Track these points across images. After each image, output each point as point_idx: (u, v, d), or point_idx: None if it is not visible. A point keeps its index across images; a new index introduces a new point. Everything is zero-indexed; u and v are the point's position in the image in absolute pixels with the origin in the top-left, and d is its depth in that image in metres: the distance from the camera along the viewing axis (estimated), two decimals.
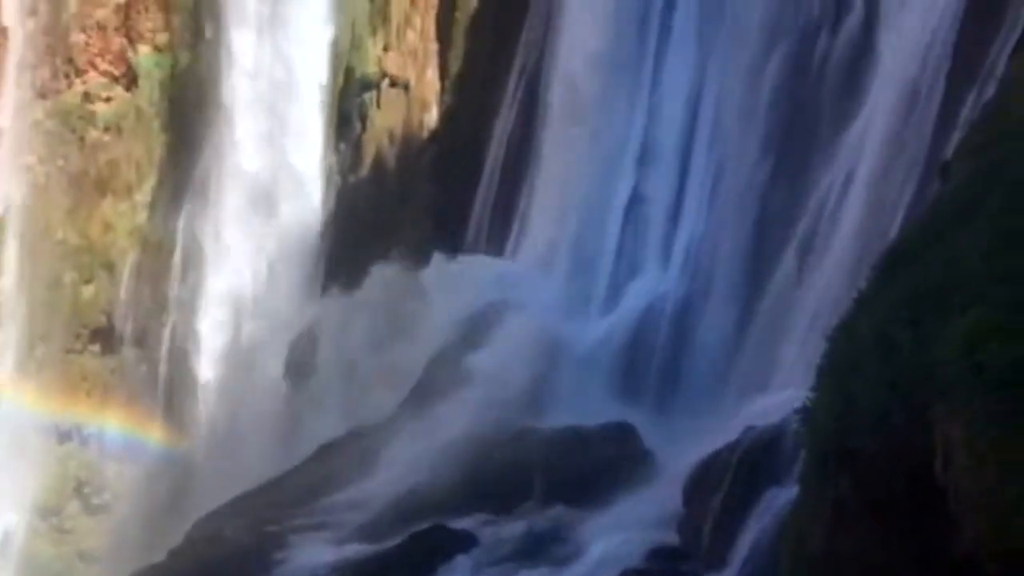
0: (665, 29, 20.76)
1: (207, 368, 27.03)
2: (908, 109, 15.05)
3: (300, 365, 23.85)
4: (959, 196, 10.28)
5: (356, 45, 27.01)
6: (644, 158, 21.16)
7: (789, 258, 17.82)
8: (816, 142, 17.38)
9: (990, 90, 12.41)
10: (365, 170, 26.83)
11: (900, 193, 14.93)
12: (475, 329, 20.42)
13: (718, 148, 19.81)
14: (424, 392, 19.95)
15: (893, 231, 14.29)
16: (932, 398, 8.01)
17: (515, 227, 23.67)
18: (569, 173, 22.28)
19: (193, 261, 27.74)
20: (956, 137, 12.77)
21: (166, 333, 27.67)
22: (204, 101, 27.71)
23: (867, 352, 8.94)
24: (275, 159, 27.45)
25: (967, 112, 13.10)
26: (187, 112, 28.02)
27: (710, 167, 19.97)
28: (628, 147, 21.38)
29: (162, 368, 27.48)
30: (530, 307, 20.89)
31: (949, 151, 12.65)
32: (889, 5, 16.28)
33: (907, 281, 9.43)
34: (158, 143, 28.31)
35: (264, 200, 27.48)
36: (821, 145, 17.19)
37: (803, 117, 17.83)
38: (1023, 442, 7.14)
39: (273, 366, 24.77)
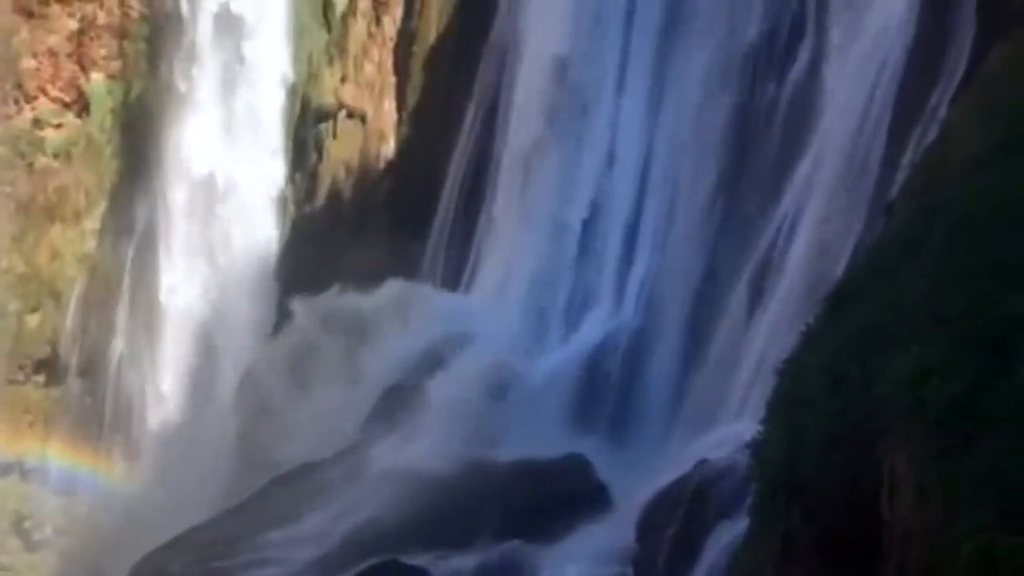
0: (620, 70, 21.20)
1: (155, 400, 26.53)
2: (853, 152, 15.54)
3: (251, 397, 23.53)
4: (902, 236, 10.61)
5: (313, 76, 27.08)
6: (599, 195, 21.47)
7: (740, 294, 18.16)
8: (765, 183, 17.84)
9: (932, 134, 12.87)
10: (320, 200, 26.77)
11: (846, 233, 15.36)
12: (429, 361, 20.38)
13: (671, 186, 20.20)
14: (377, 424, 19.81)
15: (840, 269, 14.67)
16: (878, 433, 8.22)
17: (470, 259, 23.76)
18: (525, 206, 22.49)
19: (143, 290, 27.32)
20: (899, 179, 13.21)
21: (113, 364, 27.12)
22: (157, 129, 27.49)
23: (815, 387, 9.15)
24: (228, 188, 27.26)
25: (909, 155, 13.56)
26: (139, 140, 27.76)
27: (663, 204, 20.34)
28: (583, 184, 21.68)
29: (108, 400, 26.90)
30: (484, 339, 20.94)
31: (893, 193, 13.06)
32: (834, 53, 16.84)
33: (853, 318, 9.68)
34: (109, 170, 27.97)
35: (217, 229, 27.23)
36: (769, 186, 17.64)
37: (752, 159, 18.30)
38: (966, 477, 7.35)
39: (223, 398, 24.40)
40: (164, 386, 26.51)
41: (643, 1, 20.82)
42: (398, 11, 26.44)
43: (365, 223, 26.03)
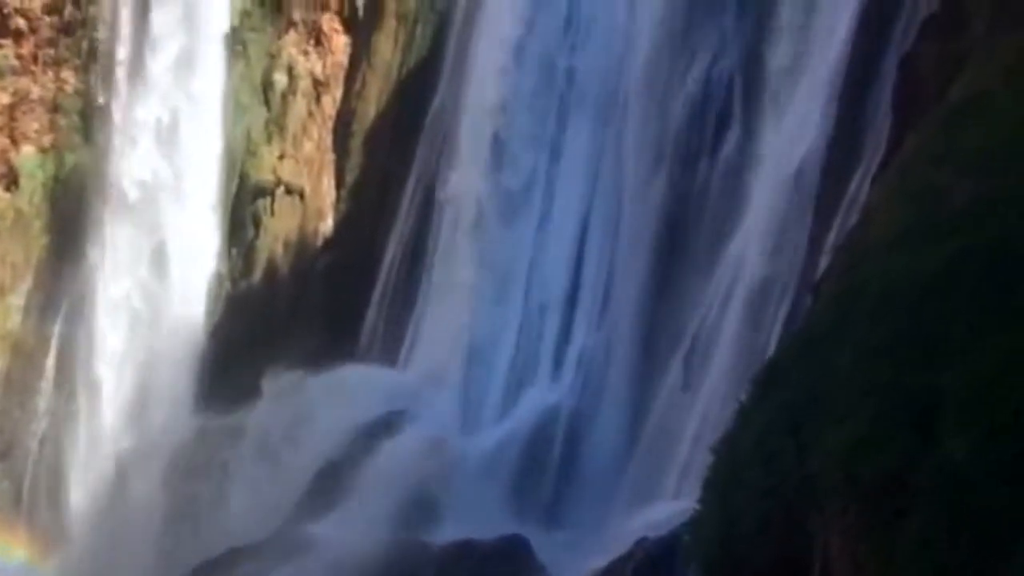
0: (555, 149, 21.71)
1: (78, 483, 25.45)
2: (780, 233, 16.06)
3: (181, 477, 22.76)
4: (829, 313, 10.92)
5: (251, 153, 27.06)
6: (537, 269, 21.71)
7: (676, 370, 18.38)
8: (698, 260, 18.28)
9: (854, 216, 13.37)
10: (257, 277, 26.47)
11: (777, 309, 15.75)
12: (365, 441, 20.04)
13: (607, 262, 20.55)
14: (311, 506, 19.29)
15: (772, 345, 14.98)
16: (811, 508, 8.29)
17: (408, 335, 23.65)
18: (463, 282, 22.59)
19: (67, 370, 26.46)
20: (825, 260, 13.65)
21: (35, 446, 26.02)
22: (88, 205, 27.06)
23: (749, 463, 9.22)
24: (161, 264, 26.83)
25: (834, 236, 14.06)
26: (70, 215, 27.25)
27: (600, 280, 20.65)
28: (521, 259, 21.92)
29: (27, 482, 25.71)
30: (422, 418, 20.71)
31: (819, 272, 13.48)
32: (763, 135, 17.55)
33: (784, 394, 9.85)
34: (37, 245, 27.31)
35: (148, 306, 26.66)
36: (702, 263, 18.08)
37: (686, 236, 18.78)
38: (899, 552, 7.42)
39: (149, 482, 23.54)
40: (89, 467, 25.47)
41: (578, 82, 21.49)
42: (338, 91, 26.77)
43: (302, 299, 25.79)
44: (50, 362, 26.68)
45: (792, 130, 16.72)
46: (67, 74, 27.54)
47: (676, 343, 18.45)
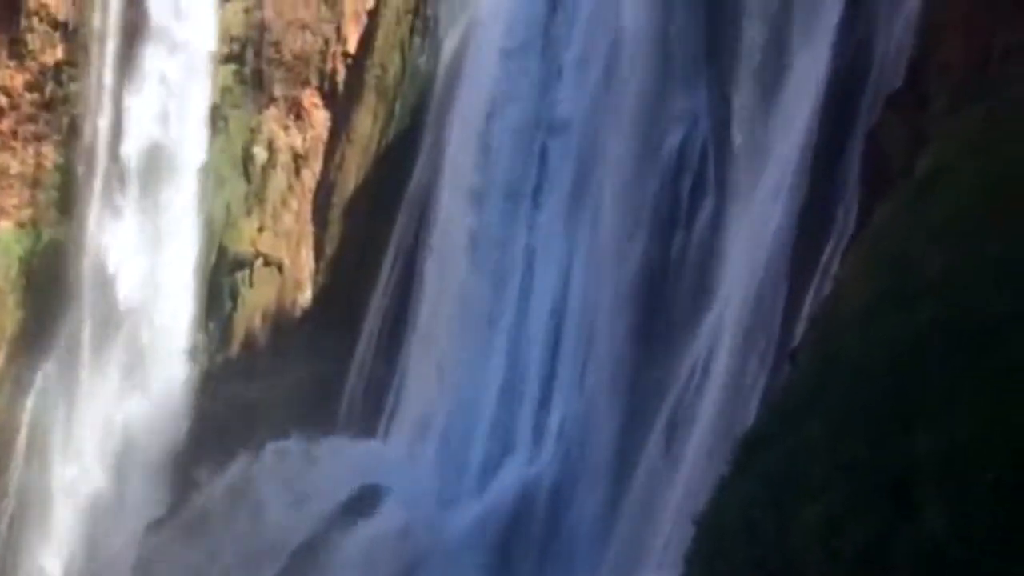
0: (533, 220, 21.95)
1: (52, 563, 24.70)
2: (757, 302, 16.22)
3: (153, 558, 22.18)
4: (805, 383, 10.99)
5: (231, 225, 27.16)
6: (517, 338, 21.74)
7: (657, 440, 18.31)
8: (676, 329, 18.38)
9: (827, 286, 13.55)
10: (234, 350, 26.32)
11: (755, 379, 15.81)
12: (343, 517, 19.70)
13: (587, 333, 20.63)
14: None
15: (751, 415, 15.00)
16: None
17: (388, 405, 23.49)
18: (443, 352, 22.55)
19: (39, 447, 25.94)
20: (801, 328, 13.79)
21: (4, 524, 25.33)
22: (65, 281, 26.91)
23: (731, 536, 9.16)
24: (137, 338, 26.61)
25: (808, 306, 14.22)
26: (46, 290, 27.08)
27: (579, 350, 20.69)
28: (501, 327, 21.96)
29: None
30: (400, 492, 20.42)
31: (796, 340, 13.60)
32: (734, 207, 17.85)
33: (764, 466, 9.84)
34: (12, 320, 27.06)
35: (123, 381, 26.34)
36: (681, 333, 18.18)
37: (664, 306, 18.92)
38: None
39: (125, 559, 22.92)
40: (60, 548, 24.77)
41: (555, 154, 21.86)
42: (318, 164, 27.07)
43: (280, 372, 25.61)
44: (22, 438, 26.17)
45: (765, 200, 17.03)
46: (47, 149, 27.68)
47: (657, 412, 18.42)
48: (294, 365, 25.61)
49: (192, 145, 27.03)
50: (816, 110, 15.84)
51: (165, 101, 26.93)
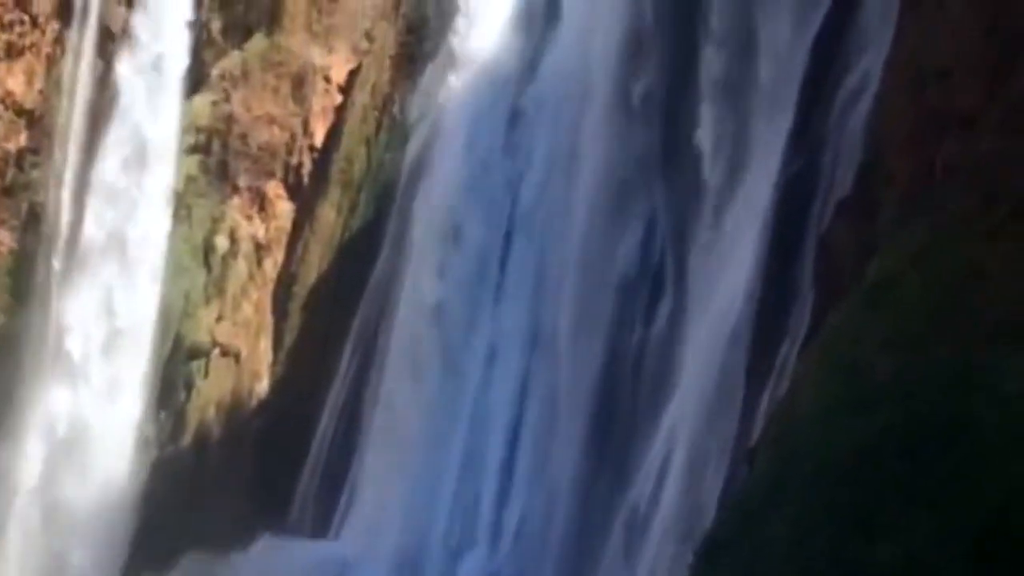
0: (495, 317, 22.07)
1: None
2: (714, 401, 16.36)
3: None
4: (764, 484, 11.04)
5: (188, 315, 26.88)
6: (474, 434, 21.56)
7: (617, 535, 18.11)
8: (635, 427, 18.41)
9: (783, 385, 13.75)
10: (186, 442, 25.70)
11: (714, 477, 15.82)
12: None
13: (546, 427, 20.55)
14: None
15: (710, 513, 14.94)
16: None
17: (343, 501, 22.97)
18: (399, 448, 22.25)
19: None
20: (758, 426, 13.90)
21: None
22: (22, 363, 26.34)
23: None
24: (86, 425, 25.93)
25: (765, 405, 14.38)
26: (3, 371, 26.45)
27: (538, 447, 20.56)
28: (460, 423, 21.79)
29: None
30: None
31: (753, 438, 13.68)
32: (695, 305, 18.14)
33: (725, 567, 9.79)
34: None
35: (71, 471, 25.53)
36: (640, 430, 18.20)
37: (623, 403, 18.98)
38: None
39: None
40: None
41: (516, 252, 22.17)
42: (280, 254, 27.07)
43: (232, 466, 25.00)
44: None
45: (722, 300, 17.35)
46: (4, 235, 27.42)
47: (616, 509, 18.26)
48: (246, 459, 25.03)
49: (153, 234, 26.96)
50: (769, 216, 16.33)
51: (128, 190, 26.95)
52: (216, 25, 27.67)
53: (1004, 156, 10.38)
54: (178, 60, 27.25)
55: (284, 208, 27.29)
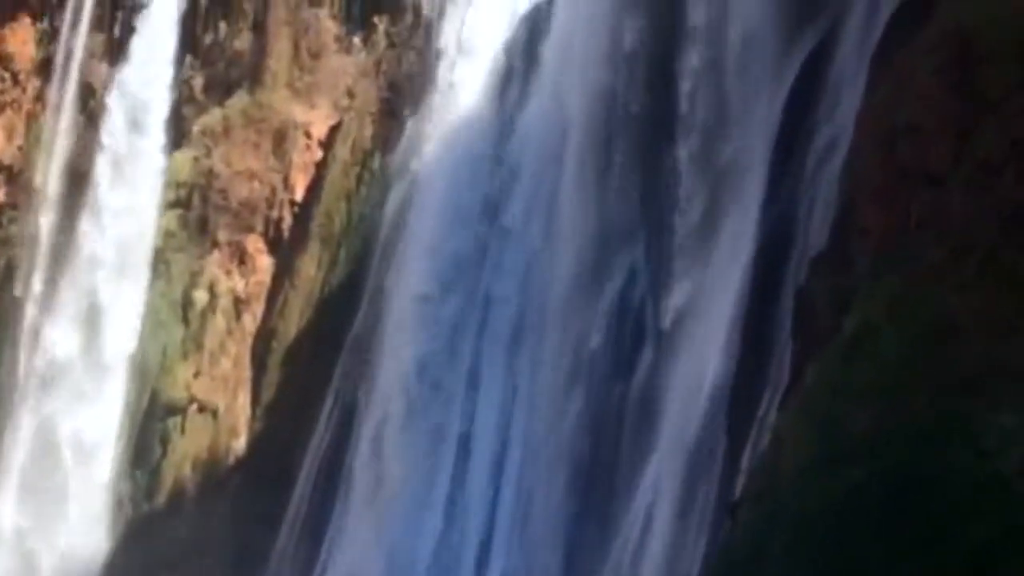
0: (474, 369, 22.01)
1: None
2: (696, 455, 16.31)
3: None
4: (747, 540, 10.99)
5: (166, 370, 26.62)
6: (455, 492, 21.34)
7: None
8: (617, 482, 18.29)
9: (765, 438, 13.74)
10: (161, 499, 25.25)
11: (698, 531, 15.70)
12: None
13: (527, 484, 20.37)
14: None
15: (695, 567, 14.79)
16: None
17: (320, 561, 22.57)
18: (378, 505, 21.97)
19: None
20: (740, 482, 13.85)
21: None
22: None
23: None
24: (59, 486, 25.44)
25: (747, 459, 14.36)
26: None
27: (519, 505, 20.36)
28: (440, 481, 21.57)
29: None
30: None
31: (736, 494, 13.63)
32: (676, 358, 18.17)
33: None
34: None
35: (43, 529, 24.97)
36: (621, 486, 18.09)
37: (604, 459, 18.88)
38: None
39: None
40: None
41: (496, 308, 22.21)
42: (259, 309, 26.95)
43: (209, 524, 24.55)
44: None
45: (702, 354, 17.41)
46: None
47: (598, 567, 18.04)
48: (223, 517, 24.60)
49: (131, 288, 26.81)
50: (749, 266, 16.48)
51: (106, 244, 26.87)
52: (198, 82, 27.92)
53: (972, 212, 10.60)
54: (159, 116, 27.43)
55: (264, 262, 27.27)
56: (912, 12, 13.06)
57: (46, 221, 27.40)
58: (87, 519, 25.13)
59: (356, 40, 27.11)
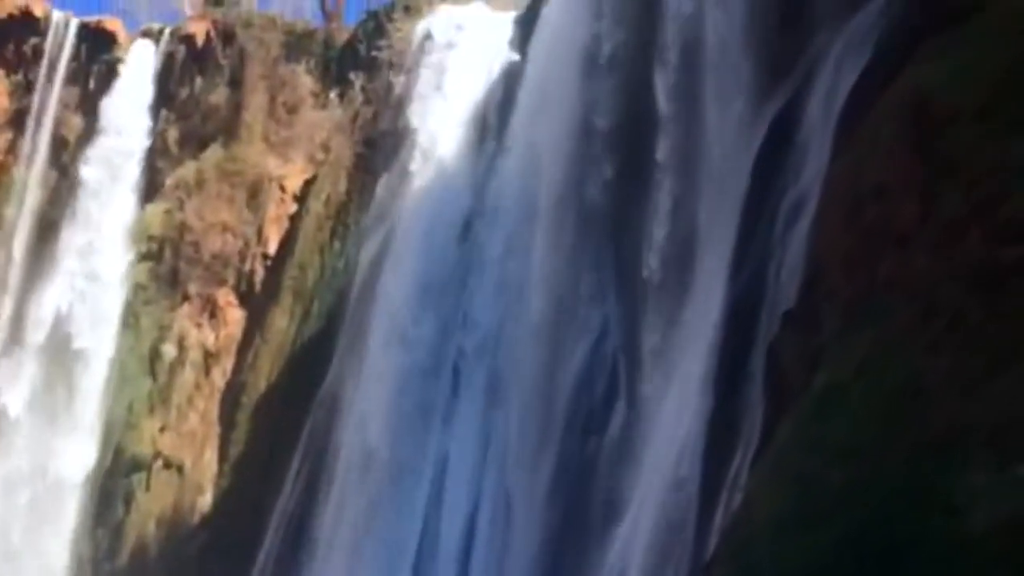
0: (447, 421, 21.83)
1: None
2: (669, 513, 16.21)
3: None
4: None
5: (131, 425, 26.14)
6: (427, 549, 20.98)
7: None
8: (589, 541, 18.10)
9: (737, 497, 13.68)
10: (123, 560, 24.58)
11: None
12: None
13: (498, 542, 20.10)
14: None
15: None
16: None
17: None
18: (347, 563, 21.53)
19: None
20: (713, 540, 13.74)
21: None
22: None
23: None
24: (18, 546, 24.67)
25: (720, 518, 14.27)
26: None
27: (491, 560, 20.06)
28: (410, 538, 21.21)
29: None
30: None
31: (708, 555, 13.50)
32: (647, 415, 18.15)
33: None
34: None
35: None
36: (593, 545, 17.90)
37: (576, 517, 18.69)
38: None
39: None
40: None
41: (468, 358, 22.10)
42: (229, 362, 26.67)
43: None
44: None
45: (674, 410, 17.40)
46: None
47: None
48: None
49: (97, 343, 26.44)
50: (720, 321, 16.59)
51: (74, 297, 26.54)
52: (173, 135, 27.98)
53: (938, 273, 10.76)
54: (133, 170, 27.38)
55: (235, 315, 27.07)
56: (876, 75, 13.41)
57: (13, 268, 27.07)
58: None
59: (332, 95, 27.35)
